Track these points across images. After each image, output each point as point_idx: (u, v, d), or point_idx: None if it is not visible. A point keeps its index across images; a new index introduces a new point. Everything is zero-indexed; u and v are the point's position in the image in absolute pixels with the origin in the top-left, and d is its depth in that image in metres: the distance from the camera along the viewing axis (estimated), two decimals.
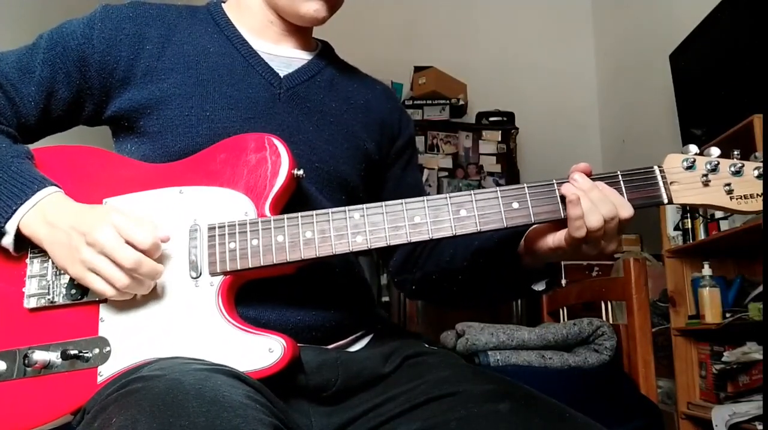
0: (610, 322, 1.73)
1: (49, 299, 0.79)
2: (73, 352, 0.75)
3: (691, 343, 2.50)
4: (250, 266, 0.78)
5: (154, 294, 0.77)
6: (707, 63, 2.65)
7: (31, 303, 0.79)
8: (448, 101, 3.91)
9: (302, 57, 1.00)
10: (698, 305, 2.35)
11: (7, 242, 0.79)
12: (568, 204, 0.78)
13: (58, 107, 0.91)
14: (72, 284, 0.78)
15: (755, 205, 0.80)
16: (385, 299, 3.30)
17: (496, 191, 0.79)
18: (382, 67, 2.00)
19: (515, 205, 0.79)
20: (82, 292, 0.78)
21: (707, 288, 2.28)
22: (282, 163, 0.81)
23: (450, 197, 0.79)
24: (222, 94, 0.90)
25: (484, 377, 0.84)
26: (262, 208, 0.80)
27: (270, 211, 0.80)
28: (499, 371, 1.29)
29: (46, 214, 0.77)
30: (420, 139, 3.73)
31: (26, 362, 0.75)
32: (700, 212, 2.41)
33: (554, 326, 1.66)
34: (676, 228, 2.59)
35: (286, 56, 0.98)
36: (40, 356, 0.75)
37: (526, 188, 0.80)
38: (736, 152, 0.81)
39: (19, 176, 0.79)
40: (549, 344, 1.58)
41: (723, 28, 2.51)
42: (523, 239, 0.89)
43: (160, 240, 0.76)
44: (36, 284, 0.80)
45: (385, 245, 0.78)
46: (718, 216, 2.33)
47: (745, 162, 0.81)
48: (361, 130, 1.00)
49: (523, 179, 3.83)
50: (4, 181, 0.79)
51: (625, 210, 0.78)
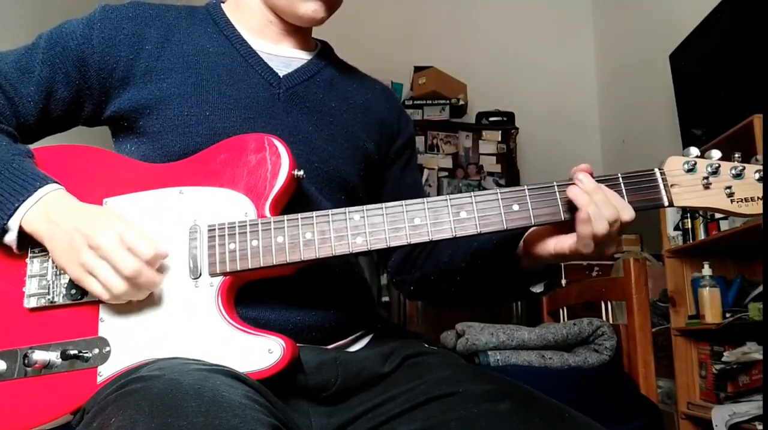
0: (610, 322, 1.73)
1: (49, 299, 0.79)
2: (72, 352, 0.75)
3: (691, 343, 2.50)
4: (250, 266, 0.78)
5: (153, 295, 0.77)
6: (707, 63, 2.65)
7: (31, 303, 0.79)
8: (448, 101, 3.91)
9: (302, 57, 1.00)
10: (698, 305, 2.35)
11: (10, 239, 0.79)
12: (579, 222, 0.76)
13: (58, 107, 0.91)
14: (72, 284, 0.78)
15: (756, 208, 0.79)
16: (385, 299, 3.30)
17: (496, 193, 0.79)
18: (382, 67, 2.00)
19: (515, 207, 0.79)
20: (82, 292, 0.78)
21: (707, 288, 2.28)
22: (282, 164, 0.81)
23: (450, 199, 0.79)
24: (221, 94, 0.90)
25: (484, 377, 0.84)
26: (262, 209, 0.80)
27: (270, 212, 0.80)
28: (499, 371, 1.29)
29: (48, 211, 0.77)
30: (420, 139, 3.73)
31: (26, 361, 0.75)
32: (701, 212, 2.40)
33: (554, 326, 1.66)
34: (676, 228, 2.59)
35: (285, 56, 0.98)
36: (40, 355, 0.75)
37: (527, 190, 0.79)
38: (737, 155, 0.81)
39: (21, 174, 0.79)
40: (549, 344, 1.58)
41: (723, 28, 2.51)
42: (522, 240, 0.89)
43: (161, 255, 0.76)
44: (36, 284, 0.80)
45: (385, 246, 0.78)
46: (718, 216, 2.33)
47: (746, 165, 0.80)
48: (361, 130, 1.00)
49: (523, 179, 3.83)
50: (6, 178, 0.78)
51: (627, 213, 0.77)
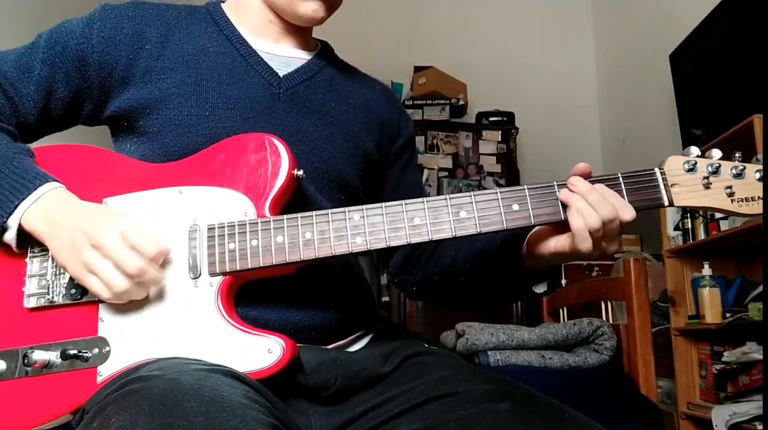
0: (610, 322, 1.74)
1: (48, 299, 0.79)
2: (72, 352, 0.75)
3: (691, 343, 2.49)
4: (250, 266, 0.78)
5: (153, 295, 0.77)
6: (707, 63, 2.65)
7: (30, 303, 0.79)
8: (448, 101, 3.90)
9: (302, 57, 1.00)
10: (698, 305, 2.35)
11: (10, 237, 0.79)
12: (570, 218, 0.77)
13: (57, 107, 0.91)
14: (72, 283, 0.78)
15: (756, 208, 0.79)
16: (385, 299, 3.30)
17: (496, 193, 0.79)
18: (382, 67, 2.00)
19: (515, 207, 0.79)
20: (82, 292, 0.78)
21: (707, 288, 2.28)
22: (282, 164, 0.81)
23: (450, 199, 0.79)
24: (221, 94, 0.90)
25: (484, 377, 0.84)
26: (261, 209, 0.80)
27: (270, 212, 0.80)
28: (499, 371, 1.29)
29: (48, 210, 0.77)
30: (420, 139, 3.73)
31: (26, 361, 0.75)
32: (701, 212, 2.40)
33: (554, 326, 1.66)
34: (676, 228, 2.59)
35: (285, 56, 0.98)
36: (39, 355, 0.75)
37: (527, 190, 0.79)
38: (737, 154, 0.81)
39: (21, 172, 0.79)
40: (549, 344, 1.58)
41: (723, 28, 2.50)
42: (525, 241, 0.88)
43: (163, 251, 0.76)
44: (36, 284, 0.80)
45: (385, 246, 0.78)
46: (718, 216, 2.33)
47: (746, 164, 0.80)
48: (361, 130, 1.00)
49: (523, 179, 3.83)
50: (6, 176, 0.78)
51: (627, 212, 0.77)
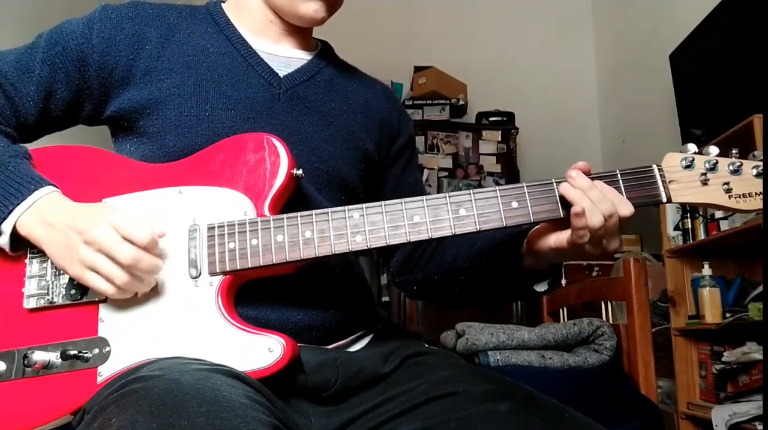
0: (610, 322, 1.73)
1: (48, 300, 0.79)
2: (72, 352, 0.75)
3: (691, 343, 2.49)
4: (250, 265, 0.78)
5: (153, 294, 0.77)
6: (707, 63, 2.65)
7: (30, 303, 0.79)
8: (448, 101, 3.90)
9: (302, 57, 1.00)
10: (698, 305, 2.35)
11: (3, 242, 0.79)
12: (572, 215, 0.77)
13: (58, 107, 0.91)
14: (71, 284, 0.78)
15: (754, 204, 0.80)
16: (385, 299, 3.30)
17: (496, 191, 0.79)
18: (382, 67, 2.00)
19: (514, 205, 0.79)
20: (82, 292, 0.78)
21: (707, 288, 2.28)
22: (281, 163, 0.81)
23: (449, 197, 0.79)
24: (221, 94, 0.90)
25: (484, 377, 0.84)
26: (261, 208, 0.80)
27: (269, 211, 0.80)
28: (499, 371, 1.29)
29: (43, 214, 0.77)
30: (420, 139, 3.73)
31: (26, 362, 0.75)
32: (700, 212, 2.40)
33: (554, 326, 1.66)
34: (676, 228, 2.59)
35: (285, 56, 0.98)
36: (39, 356, 0.75)
37: (525, 188, 0.79)
38: (734, 151, 0.81)
39: (17, 176, 0.79)
40: (549, 344, 1.58)
41: (723, 28, 2.51)
42: (525, 239, 0.88)
43: (157, 236, 0.76)
44: (35, 285, 0.80)
45: (385, 244, 0.78)
46: (718, 216, 2.33)
47: (743, 161, 0.81)
48: (361, 130, 1.00)
49: (523, 179, 3.81)
50: (1, 180, 0.78)
51: (625, 208, 0.77)
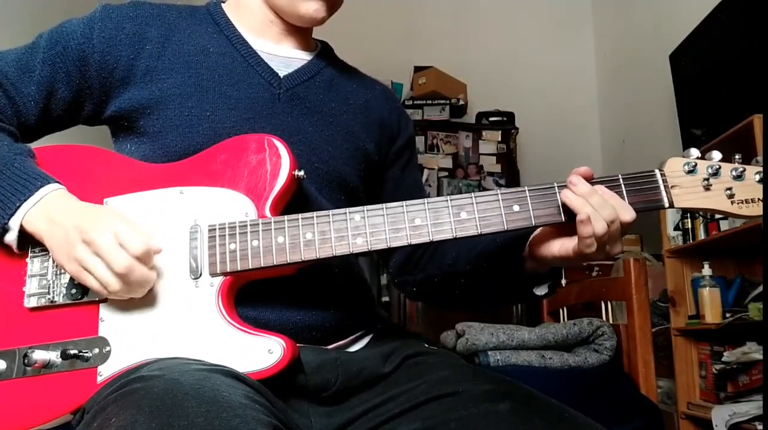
0: (610, 322, 1.74)
1: (49, 299, 0.79)
2: (72, 352, 0.75)
3: (691, 343, 2.49)
4: (251, 266, 0.78)
5: (154, 294, 0.77)
6: (707, 63, 2.65)
7: (31, 302, 0.79)
8: (448, 101, 3.90)
9: (302, 57, 1.00)
10: (698, 305, 2.35)
11: (11, 238, 0.79)
12: (578, 223, 0.76)
13: (58, 107, 0.91)
14: (72, 283, 0.78)
15: (756, 210, 0.79)
16: (385, 299, 3.30)
17: (497, 194, 0.79)
18: (382, 67, 2.00)
19: (516, 208, 0.79)
20: (82, 291, 0.78)
21: (707, 288, 2.28)
22: (282, 165, 0.81)
23: (450, 200, 0.79)
24: (222, 95, 0.90)
25: (484, 377, 0.84)
26: (262, 209, 0.80)
27: (270, 212, 0.80)
28: (499, 371, 1.29)
29: (49, 211, 0.77)
30: (420, 139, 3.73)
31: (26, 361, 0.75)
32: (701, 213, 2.40)
33: (554, 326, 1.66)
34: (676, 228, 2.59)
35: (285, 56, 0.98)
36: (39, 355, 0.75)
37: (527, 191, 0.79)
38: (737, 156, 0.81)
39: (23, 173, 0.79)
40: (549, 344, 1.58)
41: (723, 28, 2.50)
42: (528, 242, 0.88)
43: (153, 250, 0.76)
44: (36, 284, 0.80)
45: (386, 246, 0.78)
46: (718, 216, 2.33)
47: (746, 166, 0.80)
48: (361, 130, 1.00)
49: (523, 179, 3.83)
50: (7, 177, 0.78)
51: (627, 213, 0.77)
